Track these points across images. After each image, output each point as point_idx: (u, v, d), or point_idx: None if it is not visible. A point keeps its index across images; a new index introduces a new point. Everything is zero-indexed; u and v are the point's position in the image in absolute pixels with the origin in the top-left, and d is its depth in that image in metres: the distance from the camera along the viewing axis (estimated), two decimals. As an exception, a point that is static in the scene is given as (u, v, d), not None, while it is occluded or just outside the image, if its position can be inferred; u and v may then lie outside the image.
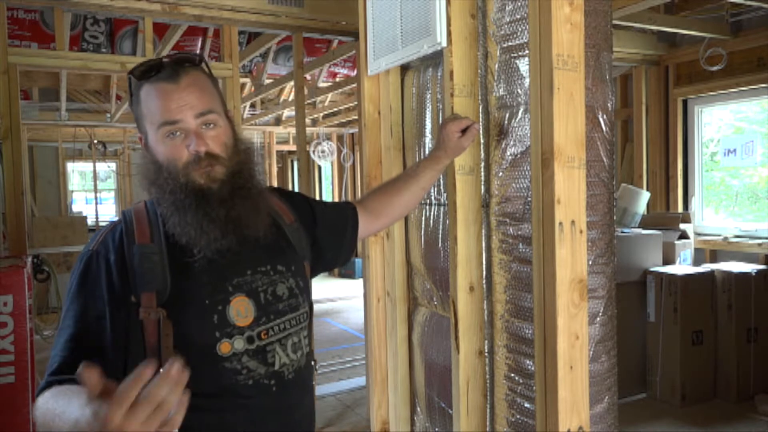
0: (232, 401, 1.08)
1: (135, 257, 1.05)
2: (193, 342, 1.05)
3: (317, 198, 9.50)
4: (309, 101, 6.92)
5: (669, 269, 3.87)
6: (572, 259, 1.34)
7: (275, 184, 9.28)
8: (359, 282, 7.50)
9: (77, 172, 9.75)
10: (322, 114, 8.13)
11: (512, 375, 1.55)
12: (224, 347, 1.06)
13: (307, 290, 1.24)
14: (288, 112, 7.79)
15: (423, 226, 1.91)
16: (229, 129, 1.14)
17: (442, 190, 1.80)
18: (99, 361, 0.98)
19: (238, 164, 1.13)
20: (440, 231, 1.83)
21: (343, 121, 8.31)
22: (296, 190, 4.93)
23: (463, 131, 1.49)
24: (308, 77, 5.99)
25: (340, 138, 9.26)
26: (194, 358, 1.04)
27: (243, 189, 1.11)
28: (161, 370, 1.01)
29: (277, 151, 9.53)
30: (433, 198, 1.86)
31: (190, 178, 1.07)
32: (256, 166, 1.18)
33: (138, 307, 1.03)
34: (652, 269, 3.91)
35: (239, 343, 1.08)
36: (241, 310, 1.09)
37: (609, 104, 1.53)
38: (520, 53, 1.49)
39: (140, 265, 1.05)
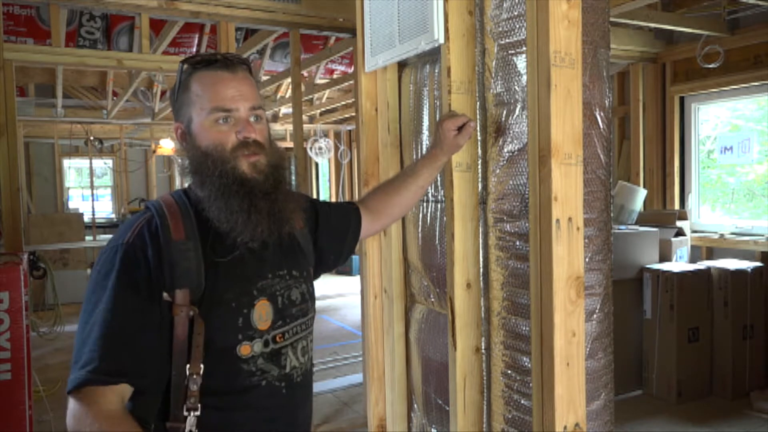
0: (242, 401, 1.09)
1: (173, 254, 1.03)
2: (216, 342, 1.05)
3: (314, 196, 9.44)
4: (306, 98, 6.92)
5: (665, 266, 3.87)
6: (569, 256, 1.34)
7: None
8: (356, 279, 7.50)
9: (73, 169, 9.73)
10: (319, 111, 8.12)
11: (509, 372, 1.56)
12: (244, 349, 1.07)
13: (313, 296, 1.26)
14: (285, 109, 7.78)
15: (420, 223, 1.91)
16: (267, 128, 1.17)
17: (440, 187, 1.80)
18: (135, 359, 0.99)
19: (279, 158, 1.15)
20: (437, 228, 1.83)
21: (341, 118, 8.31)
22: (293, 187, 4.86)
23: (460, 128, 1.49)
24: (305, 74, 5.98)
25: (337, 135, 9.25)
26: (213, 358, 1.05)
27: (282, 184, 1.13)
28: (187, 367, 1.01)
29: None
30: (430, 195, 1.86)
31: (237, 164, 1.08)
32: (291, 166, 1.20)
33: (170, 304, 1.02)
34: (648, 266, 3.92)
35: (258, 346, 1.09)
36: (263, 313, 1.10)
37: (606, 101, 1.54)
38: (517, 50, 1.49)
39: (177, 262, 1.03)
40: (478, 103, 1.62)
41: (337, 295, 7.51)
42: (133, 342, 1.00)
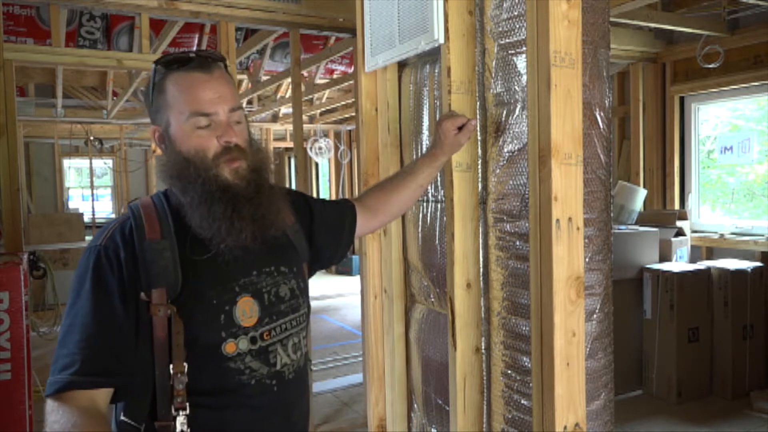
0: (233, 400, 1.08)
1: (146, 253, 1.03)
2: (199, 341, 1.05)
3: (314, 195, 9.44)
4: (306, 98, 6.92)
5: (665, 266, 3.87)
6: (569, 256, 1.34)
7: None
8: (356, 279, 7.50)
9: (74, 169, 9.73)
10: (319, 111, 8.12)
11: (509, 372, 1.56)
12: (229, 347, 1.06)
13: (306, 291, 1.25)
14: (285, 109, 7.78)
15: (420, 223, 1.91)
16: (246, 127, 1.15)
17: (440, 187, 1.80)
18: (115, 360, 0.99)
19: (259, 161, 1.13)
20: (437, 228, 1.83)
21: (341, 118, 8.31)
22: (293, 187, 4.88)
23: (460, 128, 1.49)
24: (305, 74, 5.98)
25: (337, 135, 9.25)
26: (199, 357, 1.04)
27: (264, 188, 1.12)
28: (170, 367, 1.01)
29: (274, 148, 9.52)
30: (430, 195, 1.86)
31: (219, 171, 1.07)
32: (272, 164, 1.19)
33: (148, 305, 1.02)
34: (648, 266, 3.92)
35: (243, 344, 1.08)
36: (246, 310, 1.09)
37: (606, 101, 1.53)
38: (517, 50, 1.49)
39: (152, 262, 1.03)
40: (478, 103, 1.62)
41: (337, 295, 7.51)
42: (112, 344, 1.00)
